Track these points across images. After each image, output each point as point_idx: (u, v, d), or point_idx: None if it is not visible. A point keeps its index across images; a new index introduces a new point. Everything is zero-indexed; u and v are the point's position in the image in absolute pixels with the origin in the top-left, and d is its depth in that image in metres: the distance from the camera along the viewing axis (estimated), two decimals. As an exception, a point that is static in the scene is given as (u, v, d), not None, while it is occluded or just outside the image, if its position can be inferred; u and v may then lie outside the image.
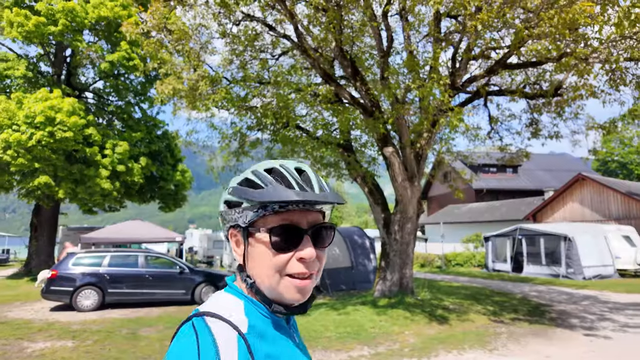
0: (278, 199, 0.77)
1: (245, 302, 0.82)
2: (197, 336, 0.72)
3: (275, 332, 0.81)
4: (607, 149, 36.80)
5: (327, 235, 0.85)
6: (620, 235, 16.62)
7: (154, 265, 10.46)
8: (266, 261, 0.80)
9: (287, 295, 0.80)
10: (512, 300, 10.29)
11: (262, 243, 0.80)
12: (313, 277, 0.81)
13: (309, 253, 0.79)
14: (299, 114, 11.24)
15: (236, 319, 0.77)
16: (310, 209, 0.82)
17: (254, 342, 0.75)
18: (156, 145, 18.19)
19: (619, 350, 5.84)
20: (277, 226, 0.79)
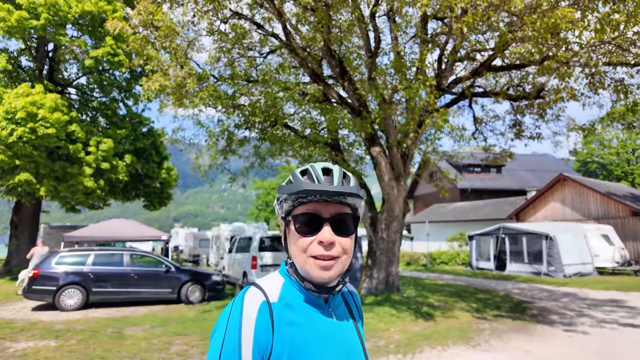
0: (295, 190, 0.93)
1: (285, 279, 1.00)
2: (234, 300, 0.92)
3: (306, 306, 0.95)
4: (588, 150, 37.77)
5: (348, 224, 0.97)
6: (599, 234, 17.11)
7: (140, 264, 10.35)
8: (295, 244, 0.96)
9: (313, 274, 0.93)
10: (495, 298, 10.51)
11: (293, 230, 0.97)
12: (337, 261, 0.93)
13: (326, 237, 0.92)
14: (287, 113, 11.26)
15: (270, 290, 0.94)
16: (331, 200, 0.95)
17: (280, 310, 0.90)
18: (141, 143, 17.94)
19: (596, 346, 6.05)
20: (300, 214, 0.96)
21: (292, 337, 0.88)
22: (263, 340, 0.85)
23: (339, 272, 0.95)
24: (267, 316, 0.88)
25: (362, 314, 1.15)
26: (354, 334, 1.01)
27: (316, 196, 0.94)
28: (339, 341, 0.95)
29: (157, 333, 6.78)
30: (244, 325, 0.86)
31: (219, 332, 0.88)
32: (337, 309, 1.02)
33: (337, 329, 0.97)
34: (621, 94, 8.80)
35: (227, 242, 17.65)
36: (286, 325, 0.89)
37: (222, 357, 0.84)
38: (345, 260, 0.96)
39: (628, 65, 8.53)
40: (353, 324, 1.04)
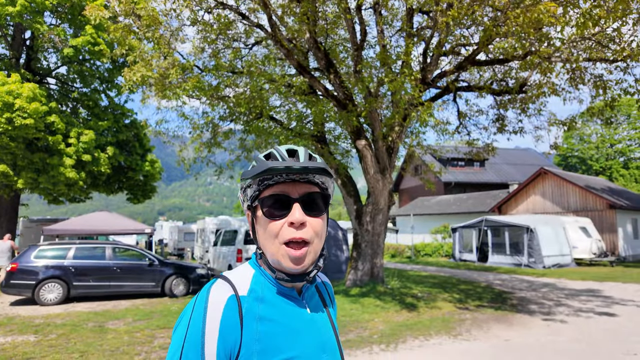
0: (259, 171, 0.87)
1: (256, 270, 0.94)
2: (199, 294, 0.86)
3: (278, 298, 0.90)
4: (568, 145, 38.63)
5: (318, 203, 0.92)
6: (578, 227, 17.60)
7: (122, 258, 10.21)
8: (264, 231, 0.90)
9: (285, 263, 0.87)
10: (477, 289, 10.73)
11: (260, 215, 0.91)
12: (309, 246, 0.88)
13: (297, 218, 0.87)
14: (273, 105, 11.19)
15: (239, 282, 0.88)
16: (299, 180, 0.90)
17: (250, 304, 0.85)
18: (124, 135, 17.59)
19: (573, 333, 6.25)
20: (266, 197, 0.90)
21: (263, 332, 0.83)
22: (230, 338, 0.79)
23: (311, 259, 0.89)
24: (235, 311, 0.82)
25: (335, 304, 1.12)
26: (328, 326, 0.98)
27: (282, 176, 0.88)
28: (313, 334, 0.90)
29: (140, 326, 6.72)
30: (208, 321, 0.80)
31: (181, 328, 0.82)
32: (310, 300, 0.98)
33: (311, 322, 0.92)
34: (600, 89, 9.00)
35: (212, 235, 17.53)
36: (256, 321, 0.83)
37: (183, 355, 0.78)
38: (317, 245, 0.90)
39: (607, 62, 8.72)
40: (327, 315, 1.01)
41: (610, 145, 37.22)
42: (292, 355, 0.84)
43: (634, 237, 19.75)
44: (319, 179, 0.92)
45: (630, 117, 35.57)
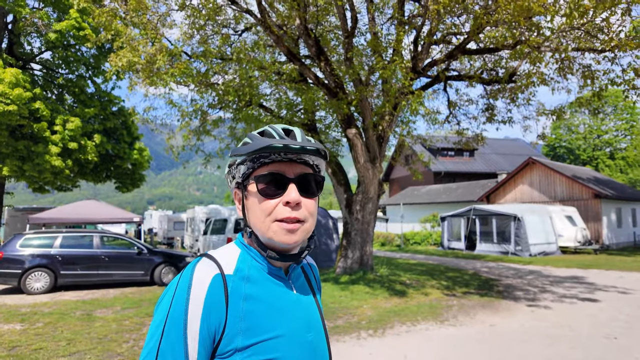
0: (257, 147, 0.85)
1: (242, 250, 0.92)
2: (183, 272, 0.84)
3: (265, 277, 0.89)
4: (556, 135, 39.09)
5: (314, 184, 0.91)
6: (564, 216, 17.92)
7: (111, 246, 10.13)
8: (257, 208, 0.88)
9: (276, 238, 0.86)
10: (464, 276, 10.91)
11: (254, 193, 0.89)
12: (303, 225, 0.88)
13: (293, 197, 0.85)
14: (263, 93, 11.08)
15: (225, 261, 0.87)
16: (296, 160, 0.89)
17: (236, 283, 0.84)
18: (111, 122, 17.31)
19: (556, 319, 6.40)
20: (263, 174, 0.88)
21: (248, 311, 0.82)
22: (214, 317, 0.78)
23: (304, 237, 0.88)
24: (220, 290, 0.80)
25: (320, 287, 1.12)
26: (313, 306, 0.98)
27: (279, 154, 0.87)
28: (299, 314, 0.90)
29: (129, 314, 6.70)
30: (192, 300, 0.78)
31: (163, 305, 0.80)
32: (296, 281, 0.97)
33: (297, 302, 0.92)
34: (588, 79, 9.07)
35: (202, 224, 17.47)
36: (242, 300, 0.82)
37: (165, 333, 0.77)
38: (310, 225, 0.90)
39: (595, 52, 8.78)
40: (312, 297, 1.01)
41: (598, 136, 37.76)
42: (278, 334, 0.83)
43: (618, 225, 20.19)
44: (313, 161, 0.92)
45: (617, 108, 36.06)
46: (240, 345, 0.79)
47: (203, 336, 0.77)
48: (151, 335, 0.80)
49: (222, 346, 0.79)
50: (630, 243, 20.84)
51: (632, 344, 5.09)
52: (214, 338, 0.78)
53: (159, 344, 0.77)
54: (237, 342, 0.79)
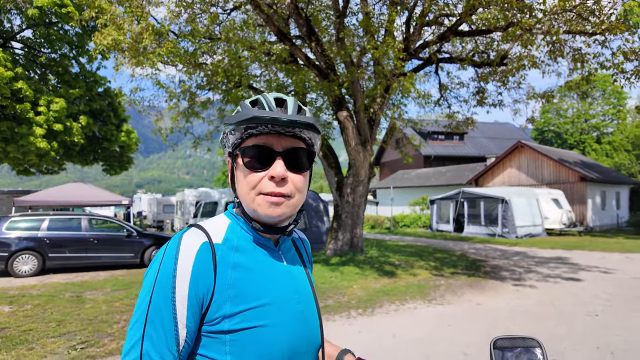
0: (243, 118, 0.83)
1: (232, 220, 0.91)
2: (170, 240, 0.83)
3: (253, 247, 0.88)
4: (545, 119, 39.42)
5: (302, 159, 0.88)
6: (550, 198, 18.25)
7: (99, 229, 10.05)
8: (243, 180, 0.87)
9: (261, 211, 0.85)
10: (452, 257, 11.10)
11: (241, 165, 0.87)
12: (289, 200, 0.85)
13: (278, 172, 0.83)
14: (252, 74, 10.89)
15: (214, 231, 0.86)
16: (285, 133, 0.85)
17: (224, 251, 0.83)
18: (97, 104, 16.92)
19: (541, 297, 6.58)
20: (250, 146, 0.85)
21: (237, 279, 0.81)
22: (202, 283, 0.77)
23: (289, 211, 0.86)
24: (208, 257, 0.79)
25: (312, 261, 1.12)
26: (304, 277, 0.97)
27: (267, 126, 0.83)
28: (288, 283, 0.90)
29: (119, 296, 6.70)
30: (180, 266, 0.77)
31: (151, 272, 0.80)
32: (287, 252, 0.97)
33: (287, 272, 0.91)
34: (578, 63, 9.11)
35: (192, 207, 17.40)
36: (230, 268, 0.81)
37: (153, 299, 0.76)
38: (297, 201, 0.88)
39: (586, 34, 8.78)
40: (303, 268, 1.00)
41: (585, 120, 38.18)
42: (266, 301, 0.83)
43: (602, 208, 20.66)
44: (306, 134, 0.88)
45: (605, 92, 36.41)
46: (228, 312, 0.78)
47: (191, 301, 0.76)
48: (140, 302, 0.79)
49: (210, 313, 0.78)
50: (613, 225, 21.38)
51: (612, 320, 5.27)
52: (202, 304, 0.78)
53: (148, 310, 0.77)
54: (225, 309, 0.78)
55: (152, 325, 0.76)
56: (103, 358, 4.09)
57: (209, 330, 0.78)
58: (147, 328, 0.76)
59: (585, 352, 4.14)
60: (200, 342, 0.79)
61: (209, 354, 0.78)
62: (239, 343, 0.78)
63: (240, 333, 0.78)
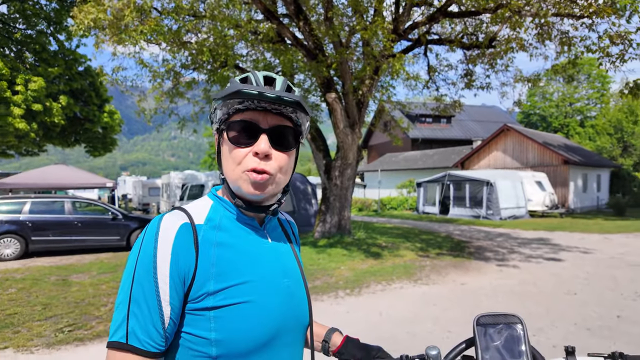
0: (230, 92, 0.82)
1: (215, 201, 0.91)
2: (151, 223, 0.82)
3: (237, 226, 0.88)
4: (531, 102, 39.82)
5: (288, 138, 0.88)
6: (534, 181, 18.61)
7: (84, 212, 9.89)
8: (228, 156, 0.86)
9: (244, 188, 0.84)
10: (437, 238, 11.30)
11: (226, 140, 0.86)
12: (272, 178, 0.85)
13: (262, 148, 0.83)
14: (239, 53, 10.66)
15: (196, 212, 0.86)
16: (272, 110, 0.84)
17: (207, 231, 0.83)
18: (78, 83, 16.39)
19: (523, 277, 6.77)
20: (235, 121, 0.85)
21: (220, 257, 0.81)
22: (183, 261, 0.77)
23: (272, 191, 0.86)
24: (189, 237, 0.79)
25: (299, 242, 1.12)
26: (290, 255, 0.97)
27: (254, 102, 0.83)
28: (274, 261, 0.90)
29: (105, 279, 6.65)
30: (160, 244, 0.77)
31: (133, 254, 0.80)
32: (272, 231, 0.96)
33: (272, 250, 0.91)
34: (565, 46, 9.15)
35: (178, 190, 17.22)
36: (213, 246, 0.81)
37: (135, 279, 0.76)
38: (281, 180, 0.88)
39: (574, 17, 8.80)
40: (290, 247, 0.99)
41: (570, 103, 38.70)
42: (251, 278, 0.83)
43: (583, 190, 21.18)
44: (293, 112, 0.87)
45: (590, 76, 36.84)
46: (212, 289, 0.78)
47: (174, 279, 0.76)
48: (123, 283, 0.79)
49: (194, 291, 0.78)
50: (593, 207, 21.99)
51: (590, 298, 5.46)
52: (184, 282, 0.78)
53: (131, 290, 0.76)
54: (208, 286, 0.78)
55: (136, 304, 0.75)
56: (91, 340, 4.08)
57: (193, 307, 0.78)
58: (131, 307, 0.75)
59: (564, 328, 4.30)
60: (184, 319, 0.79)
61: (194, 331, 0.78)
62: (223, 319, 0.78)
63: (225, 309, 0.78)
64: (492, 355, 0.82)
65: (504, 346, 0.83)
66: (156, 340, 0.75)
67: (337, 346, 1.05)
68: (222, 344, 0.78)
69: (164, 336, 0.76)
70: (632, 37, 8.18)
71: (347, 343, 1.04)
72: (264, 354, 0.82)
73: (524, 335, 0.83)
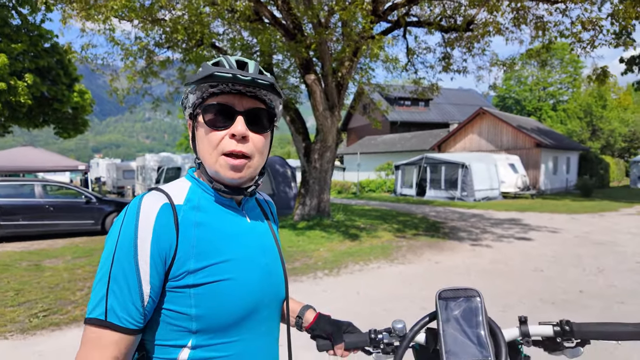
0: (203, 75, 0.83)
1: (192, 182, 0.92)
2: (130, 204, 0.83)
3: (216, 207, 0.90)
4: (507, 86, 40.60)
5: (263, 120, 0.89)
6: (507, 163, 19.16)
7: (55, 196, 9.60)
8: (205, 140, 0.87)
9: (222, 172, 0.86)
10: (414, 220, 11.57)
11: (202, 124, 0.87)
12: (249, 161, 0.87)
13: (239, 130, 0.84)
14: (215, 32, 10.35)
15: (175, 193, 0.86)
16: (246, 93, 0.86)
17: (186, 212, 0.84)
18: (44, 61, 15.60)
19: (494, 256, 7.05)
20: (211, 104, 0.85)
21: (200, 237, 0.82)
22: (164, 241, 0.78)
23: (250, 174, 0.88)
24: (169, 217, 0.80)
25: (277, 221, 1.15)
26: (268, 234, 1.00)
27: (228, 85, 0.84)
28: (253, 239, 0.92)
29: (81, 264, 6.53)
30: (141, 225, 0.78)
31: (112, 235, 0.80)
32: (251, 212, 0.99)
33: (251, 229, 0.94)
34: (540, 30, 9.33)
35: (153, 173, 16.87)
36: (193, 226, 0.83)
37: (115, 259, 0.77)
38: (258, 162, 0.90)
39: (549, 2, 8.96)
40: (268, 226, 1.02)
41: (543, 88, 39.68)
42: (230, 257, 0.85)
43: (553, 172, 21.98)
44: (266, 95, 0.89)
45: (563, 61, 37.75)
46: (192, 268, 0.80)
47: (154, 259, 0.78)
48: (102, 263, 0.80)
49: (174, 269, 0.80)
50: (562, 188, 22.89)
51: (556, 275, 5.76)
52: (165, 262, 0.79)
53: (110, 269, 0.77)
54: (189, 265, 0.80)
55: (115, 283, 0.77)
56: (67, 325, 4.04)
57: (173, 285, 0.80)
58: (110, 285, 0.77)
59: (530, 304, 4.54)
60: (165, 297, 0.81)
61: (175, 307, 0.80)
62: (203, 296, 0.80)
63: (205, 287, 0.80)
64: (452, 326, 0.88)
65: (463, 317, 0.88)
66: (135, 318, 0.77)
67: (309, 322, 1.09)
68: (202, 319, 0.81)
69: (143, 314, 0.78)
70: (603, 24, 8.42)
71: (319, 319, 1.09)
72: (242, 327, 0.86)
73: (481, 307, 0.89)
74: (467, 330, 0.87)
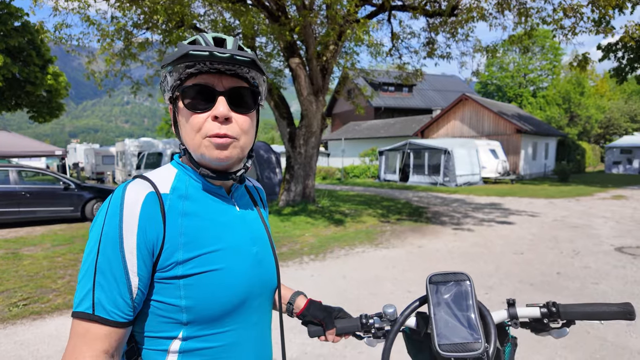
0: (178, 55, 0.78)
1: (179, 169, 0.88)
2: (114, 193, 0.79)
3: (204, 195, 0.86)
4: (489, 72, 40.97)
5: (247, 99, 0.85)
6: (488, 149, 19.51)
7: (31, 182, 9.30)
8: (187, 124, 0.83)
9: (208, 154, 0.82)
10: (397, 205, 11.71)
11: (182, 107, 0.83)
12: (236, 141, 0.83)
13: (221, 111, 0.80)
14: (196, 12, 10.05)
15: (160, 181, 0.83)
16: (225, 71, 0.81)
17: (173, 201, 0.81)
18: (15, 40, 14.90)
19: (475, 239, 7.22)
20: (189, 86, 0.81)
21: (188, 226, 0.80)
22: (150, 231, 0.76)
23: (237, 154, 0.84)
24: (155, 207, 0.77)
25: (267, 207, 1.12)
26: (258, 222, 0.98)
27: (206, 64, 0.78)
28: (242, 228, 0.90)
29: (61, 251, 6.39)
30: (126, 216, 0.75)
31: (97, 225, 0.77)
32: (240, 199, 0.96)
33: (240, 218, 0.91)
34: (523, 17, 9.39)
35: (134, 159, 16.51)
36: (180, 216, 0.80)
37: (100, 250, 0.75)
38: (244, 143, 0.85)
39: (532, -12, 9.00)
40: (258, 213, 1.00)
41: (524, 74, 40.22)
42: (219, 247, 0.83)
43: (533, 158, 22.51)
44: (248, 73, 0.84)
45: (544, 48, 38.25)
46: (181, 258, 0.78)
47: (141, 251, 0.75)
48: (87, 254, 0.77)
49: (162, 260, 0.77)
50: (541, 174, 23.50)
51: (534, 257, 5.95)
52: (152, 253, 0.77)
53: (96, 261, 0.75)
54: (177, 255, 0.78)
55: (102, 275, 0.74)
56: (49, 313, 3.96)
57: (162, 276, 0.78)
58: (97, 278, 0.74)
59: (511, 285, 4.68)
60: (154, 288, 0.79)
61: (164, 299, 0.78)
62: (193, 287, 0.78)
63: (194, 277, 0.78)
64: (443, 310, 0.89)
65: (454, 301, 0.90)
66: (124, 311, 0.75)
67: (300, 308, 1.08)
68: (193, 310, 0.79)
69: (132, 306, 0.76)
70: (584, 11, 8.53)
71: (310, 305, 1.08)
72: (234, 317, 0.85)
73: (471, 291, 0.90)
74: (457, 313, 0.89)
